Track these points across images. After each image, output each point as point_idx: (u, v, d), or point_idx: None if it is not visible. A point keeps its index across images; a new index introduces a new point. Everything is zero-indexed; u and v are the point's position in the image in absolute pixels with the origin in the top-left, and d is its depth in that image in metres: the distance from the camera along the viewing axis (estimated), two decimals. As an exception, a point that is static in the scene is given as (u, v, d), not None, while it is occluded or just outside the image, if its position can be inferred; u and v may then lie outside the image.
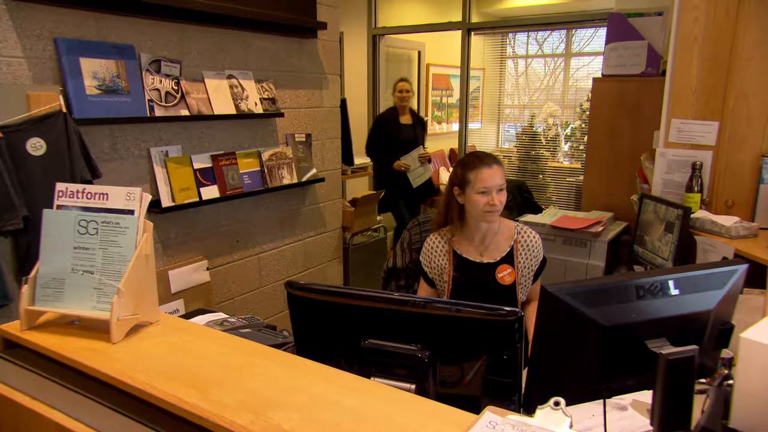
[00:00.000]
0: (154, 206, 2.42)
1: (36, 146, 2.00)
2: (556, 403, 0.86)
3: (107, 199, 1.20)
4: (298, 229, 3.26)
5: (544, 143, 6.09)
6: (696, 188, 2.34)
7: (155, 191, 2.43)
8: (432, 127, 6.91)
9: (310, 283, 1.22)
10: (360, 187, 5.31)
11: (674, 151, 2.44)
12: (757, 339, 0.83)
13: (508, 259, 1.93)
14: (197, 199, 2.56)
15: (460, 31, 4.94)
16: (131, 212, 1.18)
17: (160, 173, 2.44)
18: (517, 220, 3.08)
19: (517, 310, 1.09)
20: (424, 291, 2.05)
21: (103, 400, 1.01)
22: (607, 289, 1.13)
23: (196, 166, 2.57)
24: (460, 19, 4.89)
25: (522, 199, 3.95)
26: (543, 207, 3.90)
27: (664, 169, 2.49)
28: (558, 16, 5.71)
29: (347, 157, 3.69)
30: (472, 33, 4.93)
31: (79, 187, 1.22)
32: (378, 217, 4.08)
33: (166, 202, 2.43)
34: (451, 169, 6.03)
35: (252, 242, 2.99)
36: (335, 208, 3.55)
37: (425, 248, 2.02)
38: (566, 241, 2.85)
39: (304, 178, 3.13)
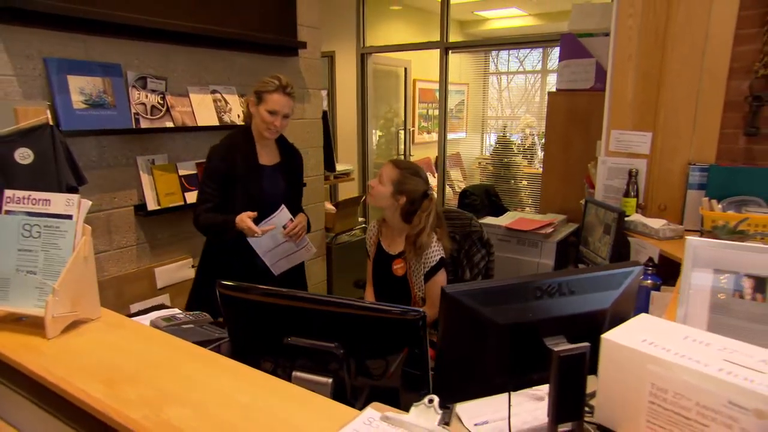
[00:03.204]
0: (140, 209, 2.39)
1: (24, 155, 1.97)
2: (430, 401, 0.81)
3: (49, 205, 1.17)
4: (281, 229, 3.21)
5: (515, 151, 6.04)
6: (632, 193, 2.29)
7: (141, 196, 2.40)
8: (420, 137, 6.87)
9: (238, 283, 1.18)
10: (351, 190, 5.28)
11: (613, 160, 2.38)
12: (615, 340, 0.78)
13: (403, 254, 1.95)
14: (182, 203, 2.52)
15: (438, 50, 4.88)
16: (70, 217, 1.15)
17: (146, 180, 2.40)
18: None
19: (420, 310, 1.05)
20: (369, 265, 2.11)
21: (30, 394, 0.98)
22: (504, 290, 1.08)
23: (181, 172, 2.54)
24: (439, 39, 4.83)
25: (489, 202, 3.89)
26: (508, 209, 3.83)
27: (605, 175, 2.43)
28: (528, 37, 5.66)
29: (329, 163, 3.64)
30: (450, 51, 4.86)
31: (25, 193, 1.18)
32: (360, 218, 4.03)
33: (151, 205, 2.40)
34: (436, 175, 6.00)
35: (237, 241, 2.95)
36: (317, 211, 3.50)
37: (367, 232, 2.12)
38: (520, 241, 2.79)
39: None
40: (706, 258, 0.97)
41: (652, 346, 0.76)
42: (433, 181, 6.25)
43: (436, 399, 0.81)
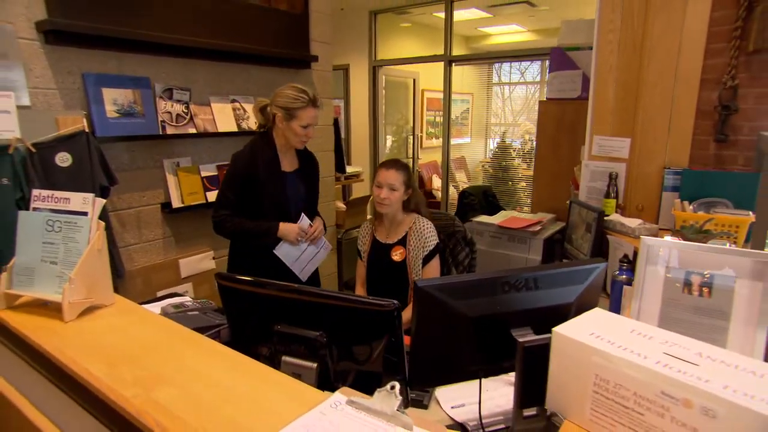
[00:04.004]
0: (166, 207, 2.42)
1: (63, 159, 2.01)
2: (392, 387, 0.80)
3: (69, 203, 1.18)
4: (296, 225, 3.21)
5: (513, 155, 5.97)
6: (612, 194, 2.24)
7: (167, 195, 2.42)
8: (428, 142, 6.83)
9: (235, 275, 1.18)
10: (362, 189, 5.28)
11: (596, 163, 2.33)
12: (564, 333, 0.76)
13: (402, 241, 1.95)
14: (204, 201, 2.54)
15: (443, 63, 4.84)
16: (86, 214, 1.16)
17: (171, 180, 2.43)
18: (470, 220, 3.00)
19: (395, 302, 1.04)
20: (360, 266, 2.09)
21: (45, 371, 0.99)
22: (473, 285, 1.06)
23: (203, 174, 2.56)
24: (443, 53, 4.79)
25: (486, 202, 3.84)
26: (504, 209, 3.78)
27: (588, 178, 2.38)
28: (526, 51, 5.59)
29: (340, 166, 3.64)
30: (453, 64, 4.82)
31: (49, 192, 1.20)
32: (368, 216, 4.02)
33: (176, 203, 2.43)
34: (441, 176, 5.96)
35: (255, 236, 2.96)
36: (329, 209, 3.51)
37: (360, 231, 2.11)
38: (510, 238, 2.75)
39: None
40: (659, 256, 0.94)
41: (598, 339, 0.73)
42: (438, 182, 6.21)
43: (398, 385, 0.80)
